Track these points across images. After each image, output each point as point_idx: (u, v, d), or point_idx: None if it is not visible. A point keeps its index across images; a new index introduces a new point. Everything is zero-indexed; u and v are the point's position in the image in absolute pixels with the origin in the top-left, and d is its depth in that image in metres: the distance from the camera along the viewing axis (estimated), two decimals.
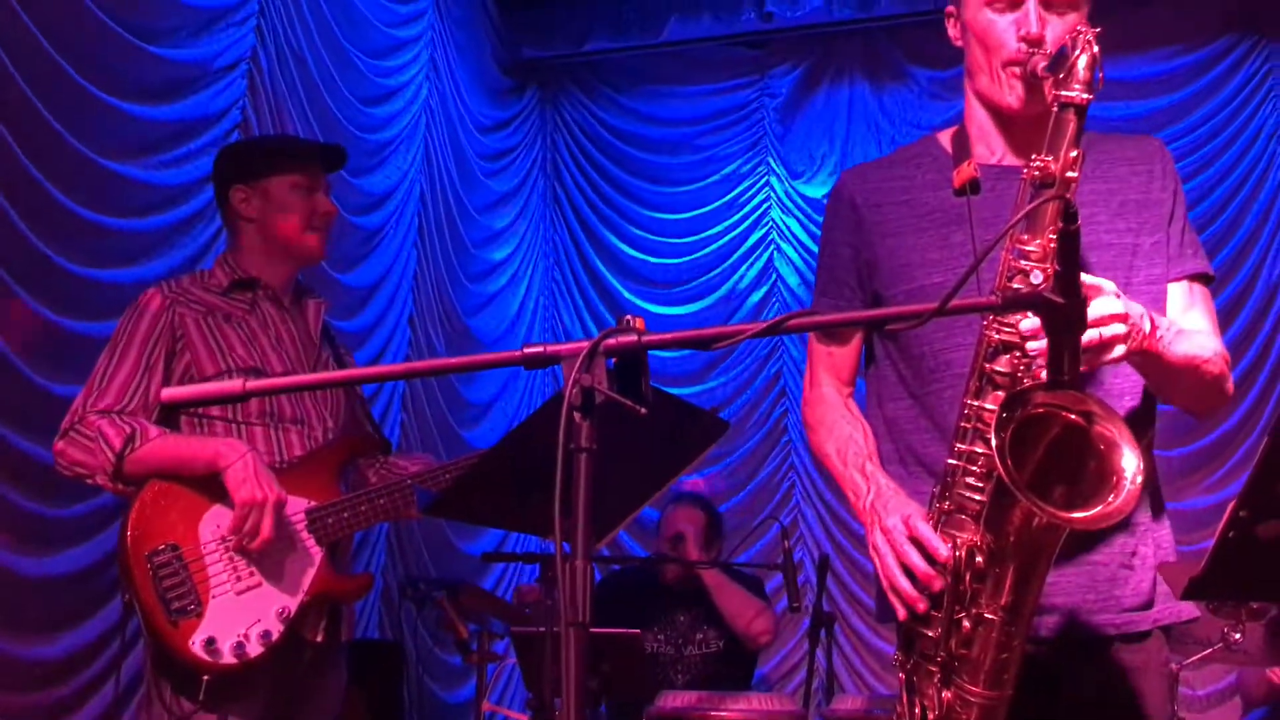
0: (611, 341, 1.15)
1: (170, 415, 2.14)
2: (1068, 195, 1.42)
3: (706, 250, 6.02)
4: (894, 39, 5.73)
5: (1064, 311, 1.16)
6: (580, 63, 6.09)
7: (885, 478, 1.64)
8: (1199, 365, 1.56)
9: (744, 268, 5.99)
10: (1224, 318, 4.75)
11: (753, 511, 5.54)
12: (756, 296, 5.93)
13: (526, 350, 1.17)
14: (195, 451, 2.06)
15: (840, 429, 1.75)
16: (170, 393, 1.31)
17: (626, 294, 6.04)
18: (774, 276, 5.92)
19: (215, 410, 2.15)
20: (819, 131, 5.98)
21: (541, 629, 2.79)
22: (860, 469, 1.67)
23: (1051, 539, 1.36)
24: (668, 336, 1.19)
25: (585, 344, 1.15)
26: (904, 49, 5.72)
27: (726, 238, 6.02)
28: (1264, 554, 0.98)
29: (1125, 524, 1.60)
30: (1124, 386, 1.64)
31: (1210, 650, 3.19)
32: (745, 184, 6.06)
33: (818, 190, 5.86)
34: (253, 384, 1.13)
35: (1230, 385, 1.65)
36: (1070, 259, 1.15)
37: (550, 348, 1.17)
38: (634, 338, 1.15)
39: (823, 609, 3.93)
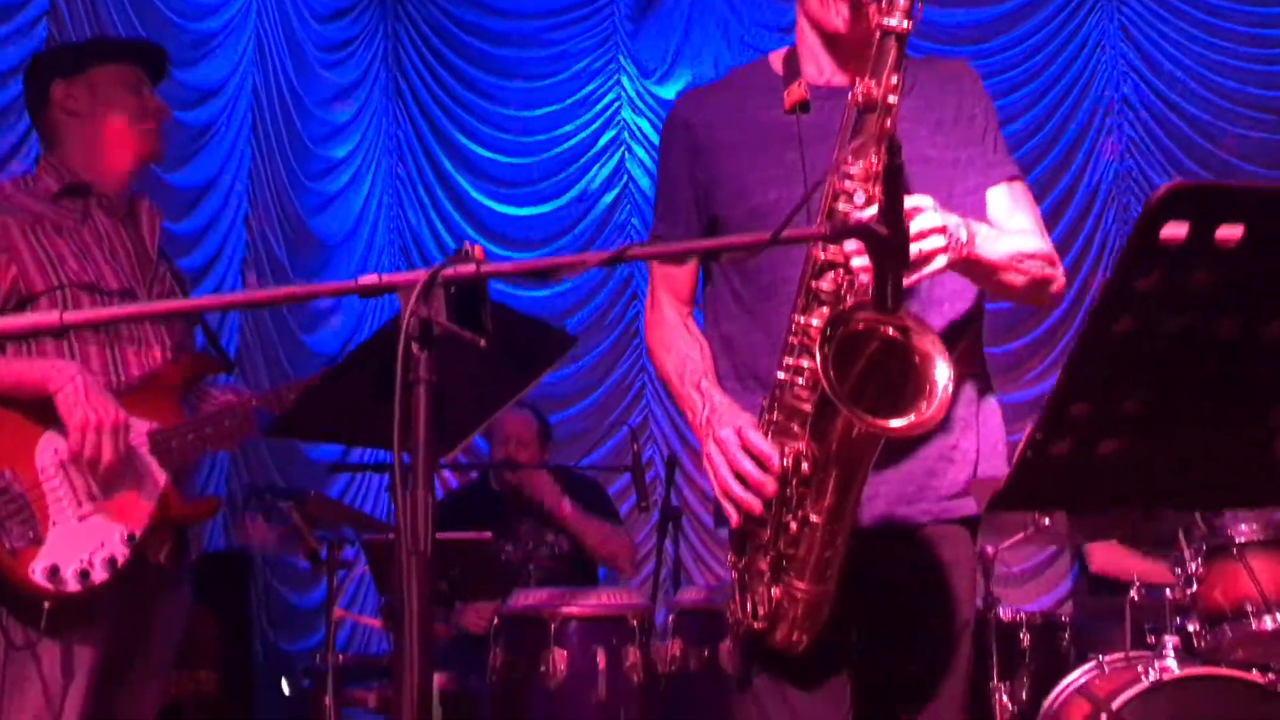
0: (449, 272, 1.16)
1: None
2: (889, 124, 1.49)
3: (557, 150, 5.97)
4: None
5: (888, 243, 1.23)
6: None
7: (720, 394, 1.71)
8: (1021, 263, 1.65)
9: (595, 168, 5.98)
10: (1050, 218, 5.03)
11: (604, 412, 5.65)
12: (608, 198, 5.94)
13: (361, 281, 1.17)
14: (21, 375, 1.97)
15: (678, 348, 1.80)
16: None
17: (474, 193, 5.96)
18: (625, 178, 5.93)
19: None
20: (670, 30, 5.94)
21: (392, 536, 2.82)
22: (696, 386, 1.73)
23: (871, 446, 1.46)
24: (507, 266, 1.21)
25: (423, 274, 1.16)
26: None
27: (577, 137, 5.98)
28: (1056, 472, 1.08)
29: (945, 421, 1.72)
30: (942, 294, 1.73)
31: (1023, 535, 3.47)
32: (596, 82, 6.00)
33: (669, 91, 5.85)
34: (71, 316, 1.10)
35: (1060, 279, 1.73)
36: (894, 192, 1.22)
37: (386, 278, 1.17)
38: (472, 267, 1.16)
39: (671, 505, 4.08)
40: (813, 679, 1.63)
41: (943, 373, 1.41)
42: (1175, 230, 0.93)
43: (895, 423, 1.40)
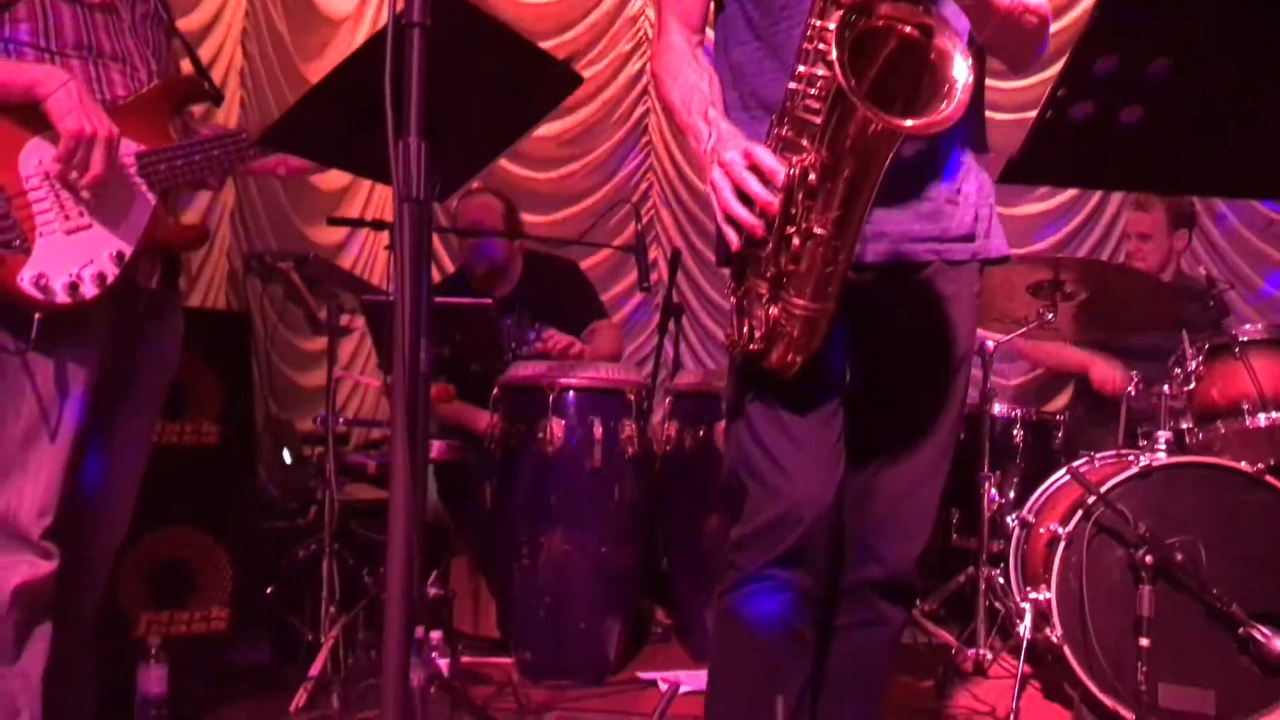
0: None
1: None
2: None
3: None
4: None
5: None
6: None
7: (728, 123, 1.64)
8: (1023, 13, 1.57)
9: None
10: None
11: (611, 210, 5.55)
12: None
13: None
14: (8, 76, 1.89)
15: (686, 77, 1.73)
16: None
17: None
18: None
19: (25, 37, 1.95)
20: None
21: (391, 296, 2.80)
22: (704, 115, 1.66)
23: (883, 150, 1.40)
24: None
25: None
26: None
27: None
28: (1078, 136, 1.02)
29: (953, 165, 1.67)
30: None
31: (1025, 329, 3.45)
32: None
33: None
34: None
35: (1046, 38, 1.67)
36: None
37: None
38: None
39: (672, 301, 4.06)
40: (806, 402, 1.62)
41: (961, 70, 1.34)
42: None
43: (913, 121, 1.33)
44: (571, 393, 3.19)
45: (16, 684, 1.94)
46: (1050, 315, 3.35)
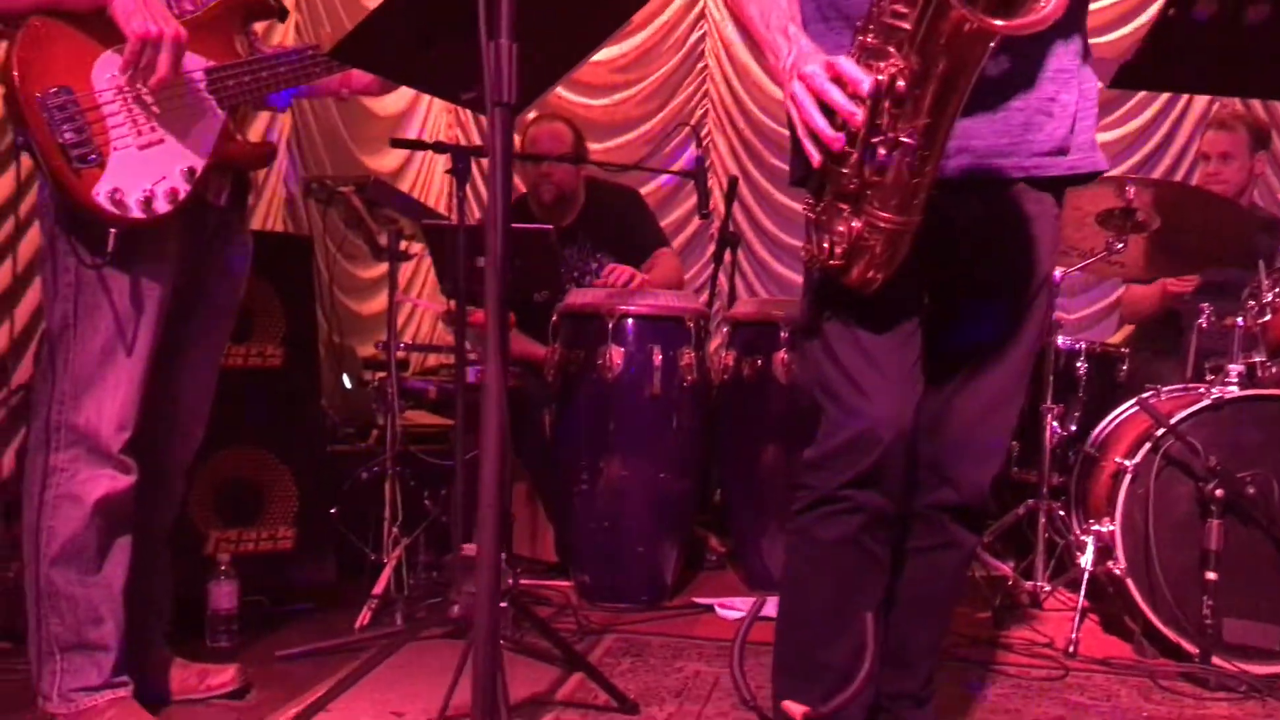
0: None
1: None
2: None
3: None
4: None
5: None
6: None
7: (807, 39, 1.59)
8: None
9: None
10: None
11: (666, 139, 5.48)
12: None
13: None
14: None
15: None
16: None
17: None
18: None
19: None
20: None
21: (453, 221, 2.79)
22: (783, 30, 1.61)
23: (977, 52, 1.35)
24: None
25: None
26: None
27: None
28: (1198, 38, 0.98)
29: (1051, 71, 1.60)
30: None
31: (1092, 260, 3.37)
32: None
33: None
34: None
35: None
36: None
37: None
38: None
39: (728, 230, 4.02)
40: (884, 322, 1.59)
41: None
42: None
43: (1010, 21, 1.28)
44: (630, 320, 3.18)
45: (99, 593, 1.99)
46: (1120, 245, 3.27)
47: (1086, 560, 2.90)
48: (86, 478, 1.95)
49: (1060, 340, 3.53)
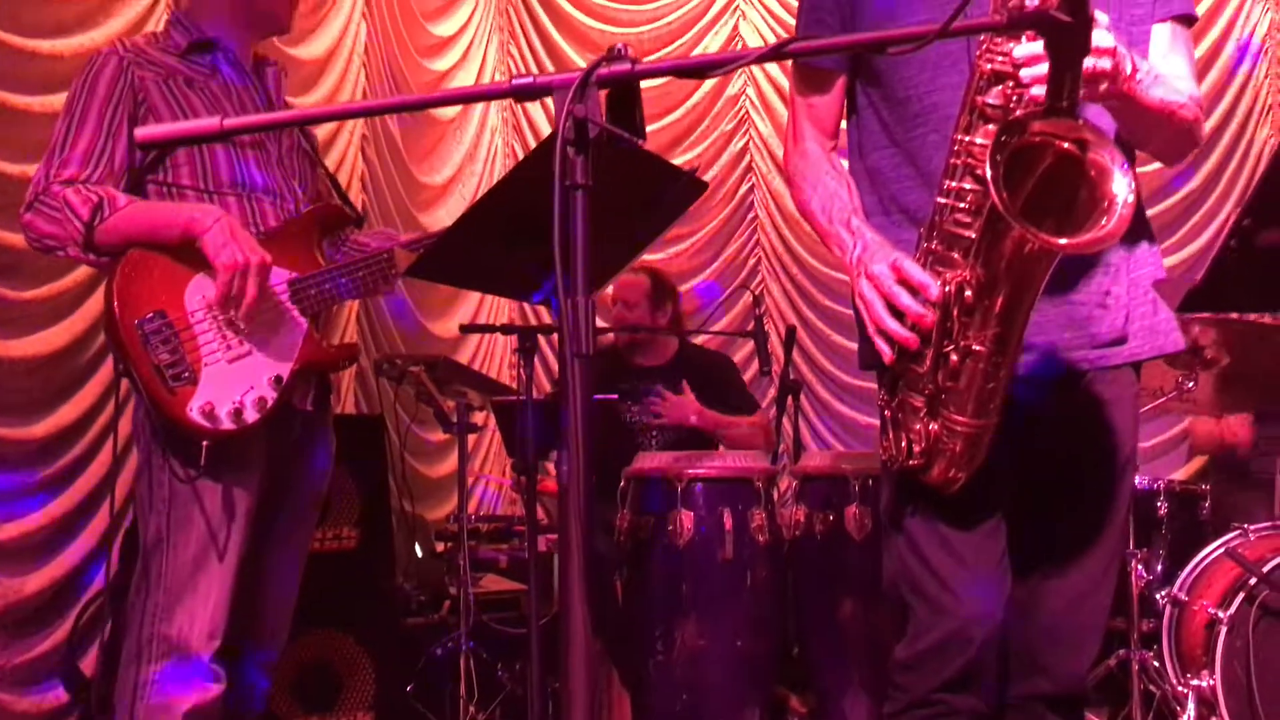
0: (604, 70, 1.11)
1: (138, 184, 2.08)
2: None
3: (669, 19, 5.80)
4: None
5: (1070, 31, 1.13)
6: None
7: (871, 231, 1.64)
8: (1174, 111, 1.55)
9: (708, 38, 5.80)
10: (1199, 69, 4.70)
11: (721, 287, 5.59)
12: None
13: (515, 81, 1.12)
14: (169, 218, 2.01)
15: (825, 184, 1.73)
16: (144, 132, 1.25)
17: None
18: (739, 45, 5.73)
19: (186, 180, 2.08)
20: None
21: (521, 397, 2.84)
22: (846, 224, 1.66)
23: (1041, 268, 1.38)
24: (663, 64, 1.15)
25: (577, 74, 1.11)
26: None
27: (688, 6, 5.80)
28: (1262, 263, 1.00)
29: (1101, 265, 1.63)
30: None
31: (1163, 400, 3.34)
32: None
33: None
34: (230, 121, 1.08)
35: (1202, 131, 1.65)
36: None
37: (540, 79, 1.13)
38: (627, 66, 1.11)
39: (789, 378, 4.03)
40: (968, 517, 1.59)
41: (1122, 187, 1.31)
42: None
43: (1073, 240, 1.31)
44: (700, 484, 3.18)
45: None
46: (1190, 385, 3.24)
47: (1190, 716, 2.79)
48: (177, 689, 1.97)
49: (1138, 480, 3.46)
